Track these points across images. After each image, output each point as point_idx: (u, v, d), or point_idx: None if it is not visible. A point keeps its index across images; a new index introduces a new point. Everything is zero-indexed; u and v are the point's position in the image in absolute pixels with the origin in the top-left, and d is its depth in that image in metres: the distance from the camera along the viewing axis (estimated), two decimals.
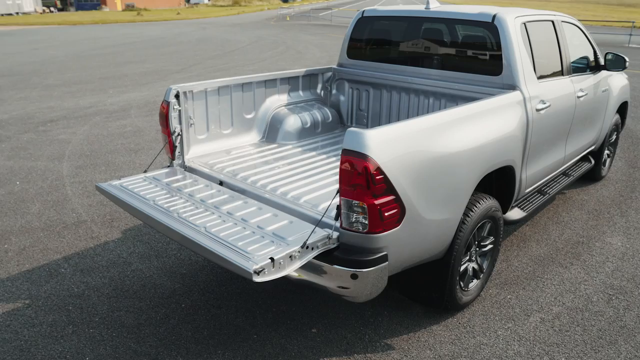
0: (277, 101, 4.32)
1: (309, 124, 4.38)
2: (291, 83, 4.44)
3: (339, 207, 2.51)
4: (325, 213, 2.65)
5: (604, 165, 5.85)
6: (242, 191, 3.18)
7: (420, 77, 4.10)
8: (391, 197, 2.45)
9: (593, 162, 5.37)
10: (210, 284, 3.78)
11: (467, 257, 3.34)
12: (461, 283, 3.31)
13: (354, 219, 2.47)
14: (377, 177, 2.37)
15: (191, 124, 3.64)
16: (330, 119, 4.58)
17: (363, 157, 2.35)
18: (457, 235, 3.00)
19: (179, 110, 3.53)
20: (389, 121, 4.48)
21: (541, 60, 3.85)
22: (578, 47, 4.57)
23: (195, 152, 3.73)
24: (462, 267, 3.29)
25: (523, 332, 3.30)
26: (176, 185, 3.20)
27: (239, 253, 2.35)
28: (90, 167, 6.25)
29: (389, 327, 3.33)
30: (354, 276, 2.45)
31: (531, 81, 3.65)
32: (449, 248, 3.00)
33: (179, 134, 3.55)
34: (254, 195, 3.12)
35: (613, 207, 5.23)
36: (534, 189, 4.17)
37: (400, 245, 2.61)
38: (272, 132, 4.22)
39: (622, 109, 5.74)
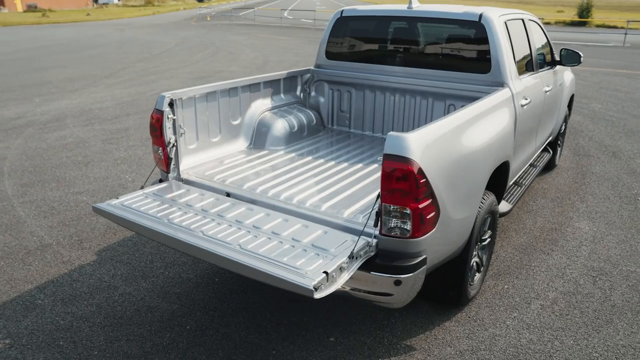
0: (261, 106, 4.17)
1: (296, 128, 4.28)
2: (273, 86, 4.31)
3: (378, 214, 2.46)
4: (367, 222, 2.60)
5: (557, 155, 6.26)
6: (252, 202, 3.04)
7: (407, 77, 4.15)
8: (430, 200, 2.45)
9: (551, 152, 5.72)
10: (210, 301, 3.59)
11: (474, 252, 3.43)
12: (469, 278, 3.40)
13: (394, 224, 2.43)
14: (421, 181, 2.36)
15: (181, 134, 3.42)
16: (314, 121, 4.50)
17: (407, 161, 2.32)
18: (472, 232, 3.06)
19: (173, 120, 3.30)
20: (373, 122, 4.49)
21: (519, 57, 4.03)
22: (538, 43, 4.84)
23: (187, 163, 3.51)
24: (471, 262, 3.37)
25: (529, 320, 3.44)
26: (183, 201, 3.00)
27: (288, 270, 2.23)
28: (38, 184, 5.70)
29: (404, 328, 3.34)
30: (397, 282, 2.42)
31: (515, 78, 3.81)
32: (466, 244, 3.06)
33: (173, 145, 3.32)
34: (268, 205, 2.99)
35: (572, 193, 5.60)
36: (514, 181, 4.37)
37: (434, 246, 2.61)
38: (259, 137, 4.07)
39: (570, 101, 6.18)
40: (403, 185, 2.33)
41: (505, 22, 3.88)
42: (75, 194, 5.43)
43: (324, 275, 2.19)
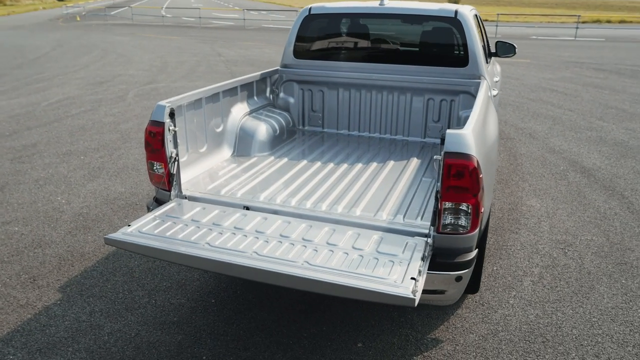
0: (240, 111, 3.90)
1: (278, 131, 4.07)
2: (248, 89, 4.05)
3: (436, 212, 2.42)
4: (430, 224, 2.55)
5: None
6: (275, 212, 2.84)
7: (384, 73, 4.14)
8: (481, 194, 2.47)
9: None
10: (217, 325, 3.30)
11: None
12: None
13: (450, 221, 2.42)
14: (480, 177, 2.37)
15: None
16: (291, 123, 4.33)
17: (468, 157, 2.31)
18: (488, 220, 3.17)
19: (175, 132, 2.94)
20: (348, 121, 4.43)
21: (482, 50, 4.25)
22: (484, 36, 5.15)
23: (182, 179, 3.17)
24: None
25: (528, 297, 3.65)
26: (207, 220, 2.70)
27: (375, 281, 2.09)
28: None
29: (423, 322, 3.36)
30: (458, 278, 2.41)
31: (486, 70, 4.01)
32: (484, 233, 3.16)
33: (175, 160, 2.96)
34: (296, 215, 2.83)
35: (512, 174, 6.06)
36: None
37: (475, 239, 2.65)
38: (243, 144, 3.81)
39: None
40: (464, 182, 2.33)
41: (473, 17, 4.06)
42: (3, 225, 4.68)
43: (413, 281, 2.11)
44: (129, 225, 2.61)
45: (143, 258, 4.10)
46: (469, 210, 2.39)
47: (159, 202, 3.05)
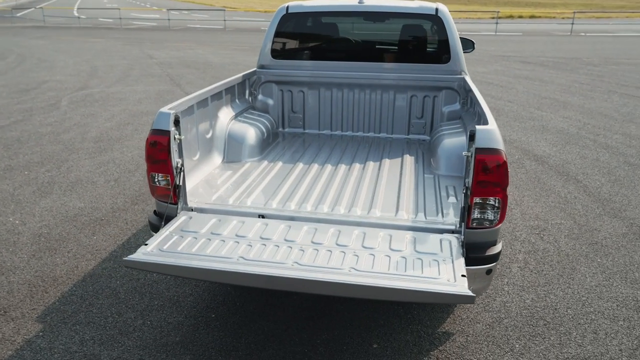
0: (227, 115, 3.72)
1: (265, 135, 3.93)
2: (231, 92, 3.87)
3: (465, 208, 2.43)
4: (460, 220, 2.56)
5: None
6: (292, 219, 2.74)
7: (365, 72, 4.12)
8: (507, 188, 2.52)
9: None
10: (225, 341, 3.14)
11: None
12: None
13: (479, 216, 2.44)
14: (508, 170, 2.41)
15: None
16: (275, 125, 4.20)
17: (498, 152, 2.35)
18: None
19: (180, 140, 2.73)
20: (331, 121, 4.37)
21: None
22: None
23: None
24: None
25: (519, 282, 3.80)
26: (228, 232, 2.56)
27: (428, 281, 2.06)
28: None
29: (429, 317, 3.39)
30: (488, 272, 2.45)
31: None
32: None
33: (181, 170, 2.75)
34: (316, 220, 2.75)
35: None
36: None
37: (500, 232, 2.70)
38: (233, 150, 3.63)
39: None
40: (495, 176, 2.36)
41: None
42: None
43: (465, 278, 2.11)
44: (146, 244, 2.40)
45: (125, 277, 3.83)
46: (497, 204, 2.44)
47: (161, 216, 2.85)
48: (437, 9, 3.95)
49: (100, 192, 5.42)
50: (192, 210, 2.87)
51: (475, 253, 2.50)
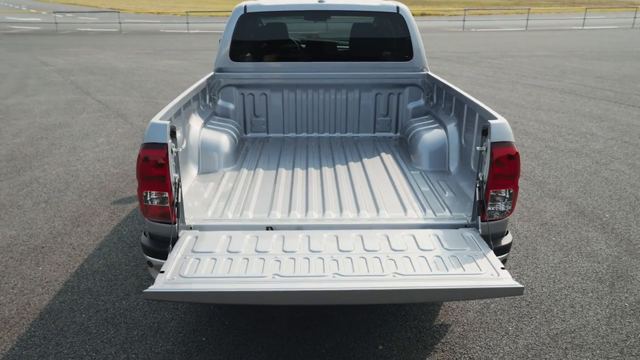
0: (196, 123, 3.45)
1: (237, 141, 3.69)
2: (197, 99, 3.60)
3: (481, 202, 2.46)
4: (477, 214, 2.59)
5: None
6: (299, 228, 2.61)
7: (329, 71, 4.05)
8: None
9: None
10: (228, 353, 2.94)
11: None
12: None
13: (493, 208, 2.49)
14: (520, 162, 2.47)
15: None
16: (243, 130, 3.97)
17: (511, 145, 2.40)
18: None
19: (177, 153, 2.46)
20: (296, 123, 4.23)
21: None
22: None
23: None
24: None
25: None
26: (247, 249, 2.38)
27: (474, 278, 2.05)
28: None
29: (423, 312, 3.43)
30: (503, 262, 2.51)
31: None
32: None
33: (179, 186, 2.48)
34: (328, 227, 2.66)
35: None
36: None
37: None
38: (207, 160, 3.38)
39: None
40: (509, 168, 2.42)
41: None
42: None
43: (506, 270, 2.13)
44: (162, 272, 2.15)
45: (90, 309, 3.44)
46: (508, 195, 2.51)
47: (156, 238, 2.57)
48: (398, 7, 4.00)
49: (32, 217, 4.83)
50: (190, 228, 2.63)
51: (493, 245, 2.56)
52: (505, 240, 2.62)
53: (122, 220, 4.76)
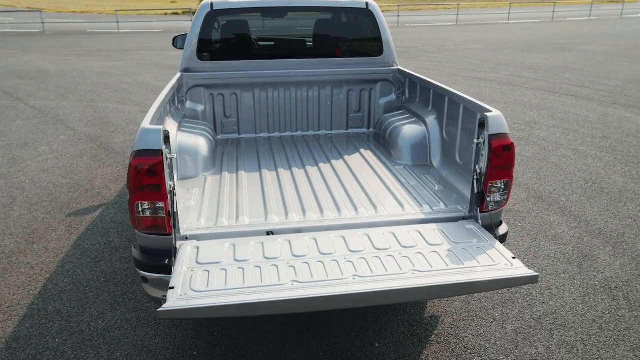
0: (171, 127, 3.24)
1: (214, 144, 3.52)
2: (170, 103, 3.39)
3: (480, 194, 2.48)
4: (476, 206, 2.62)
5: None
6: (299, 231, 2.54)
7: (300, 69, 3.96)
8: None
9: None
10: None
11: None
12: None
13: (490, 199, 2.53)
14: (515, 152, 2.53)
15: None
16: (217, 132, 3.80)
17: (507, 136, 2.44)
18: None
19: (171, 160, 2.29)
20: (268, 122, 4.09)
21: None
22: None
23: None
24: None
25: None
26: (256, 257, 2.29)
27: (490, 269, 2.07)
28: None
29: (411, 305, 3.46)
30: None
31: None
32: None
33: (174, 195, 2.31)
34: (329, 228, 2.61)
35: None
36: None
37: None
38: (187, 165, 3.19)
39: None
40: (506, 159, 2.46)
41: None
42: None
43: (517, 259, 2.16)
44: (172, 288, 2.00)
45: (63, 331, 3.18)
46: (503, 186, 2.56)
47: (150, 251, 2.40)
48: (367, 3, 3.99)
49: None
50: (187, 239, 2.47)
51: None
52: (503, 230, 2.68)
53: (81, 233, 4.45)
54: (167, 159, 2.29)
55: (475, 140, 2.56)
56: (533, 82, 11.72)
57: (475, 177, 2.56)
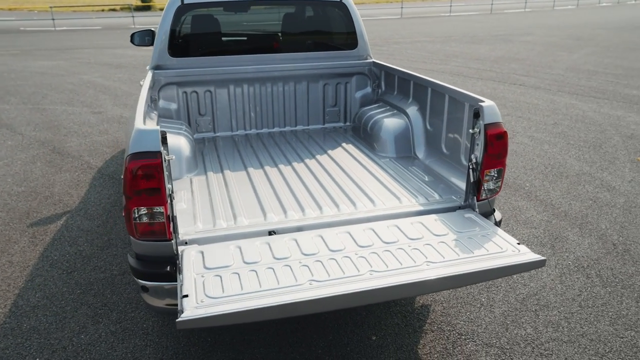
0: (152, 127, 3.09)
1: (195, 144, 3.38)
2: (149, 101, 3.23)
3: (475, 183, 2.52)
4: (472, 195, 2.66)
5: None
6: (300, 229, 2.50)
7: (275, 63, 3.88)
8: None
9: None
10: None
11: None
12: None
13: (486, 187, 2.58)
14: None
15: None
16: (193, 131, 3.66)
17: (501, 125, 2.49)
18: None
19: (169, 162, 2.17)
20: (244, 120, 3.98)
21: None
22: None
23: None
24: None
25: None
26: (265, 259, 2.23)
27: (500, 256, 2.12)
28: None
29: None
30: None
31: None
32: None
33: (172, 198, 2.20)
34: (329, 225, 2.59)
35: None
36: None
37: None
38: (172, 166, 3.05)
39: None
40: (500, 147, 2.51)
41: None
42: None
43: (522, 245, 2.22)
44: (186, 296, 1.90)
45: (45, 351, 2.99)
46: (496, 174, 2.62)
47: (148, 259, 2.27)
48: None
49: None
50: (186, 243, 2.37)
51: None
52: (498, 217, 2.75)
53: (47, 244, 4.20)
54: (165, 161, 2.18)
55: (470, 130, 2.61)
56: (482, 73, 12.13)
57: (471, 167, 2.61)
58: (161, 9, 37.30)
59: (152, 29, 5.36)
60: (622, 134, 7.18)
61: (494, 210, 2.81)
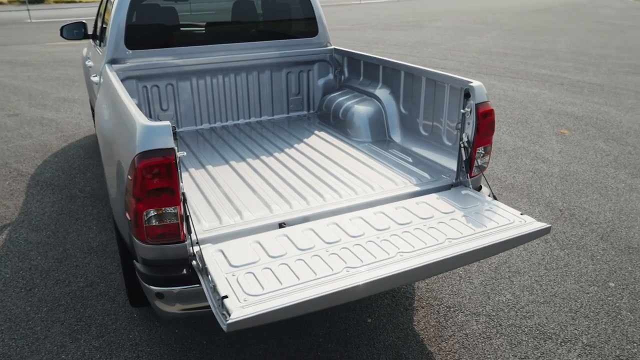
0: None
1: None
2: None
3: (468, 161, 2.62)
4: (465, 172, 2.77)
5: None
6: (307, 219, 2.47)
7: (237, 53, 3.74)
8: None
9: None
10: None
11: None
12: None
13: (476, 164, 2.70)
14: None
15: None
16: None
17: (488, 104, 2.60)
18: None
19: (180, 158, 2.01)
20: (208, 113, 3.79)
21: None
22: None
23: None
24: None
25: None
26: (291, 251, 2.19)
27: (509, 227, 2.25)
28: None
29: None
30: None
31: None
32: None
33: (185, 198, 2.04)
34: (333, 212, 2.58)
35: None
36: None
37: None
38: None
39: None
40: (489, 125, 2.63)
41: None
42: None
43: (526, 215, 2.35)
44: (226, 297, 1.79)
45: (41, 355, 2.73)
46: (484, 151, 2.75)
47: (156, 264, 2.12)
48: None
49: None
50: (197, 244, 2.24)
51: None
52: (486, 192, 2.90)
53: None
54: (177, 158, 2.05)
55: (462, 110, 2.72)
56: (404, 58, 12.56)
57: (462, 145, 2.73)
58: (56, 2, 34.45)
59: (83, 20, 5.03)
60: (542, 110, 7.80)
61: (481, 187, 2.96)
